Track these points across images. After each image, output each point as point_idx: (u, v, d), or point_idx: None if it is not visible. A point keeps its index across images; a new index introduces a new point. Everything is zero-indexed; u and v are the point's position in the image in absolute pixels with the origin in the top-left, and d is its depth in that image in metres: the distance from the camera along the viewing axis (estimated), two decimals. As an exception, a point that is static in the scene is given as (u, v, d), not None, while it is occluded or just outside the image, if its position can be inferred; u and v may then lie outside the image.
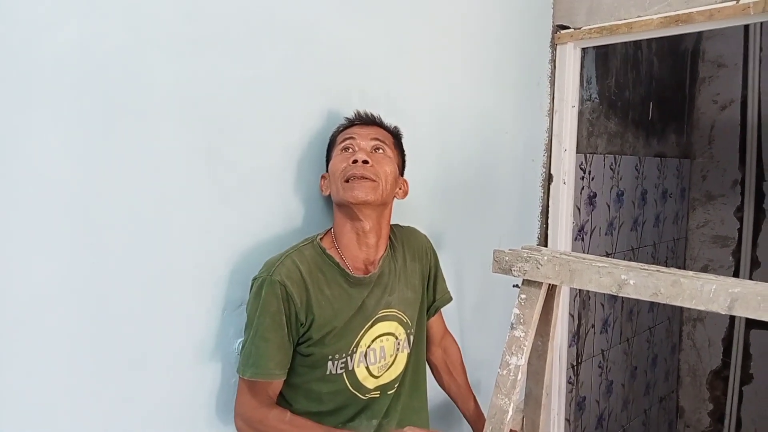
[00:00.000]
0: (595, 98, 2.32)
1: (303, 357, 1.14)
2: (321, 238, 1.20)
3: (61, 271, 0.96)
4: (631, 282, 1.12)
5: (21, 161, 0.91)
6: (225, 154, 1.15)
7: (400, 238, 1.31)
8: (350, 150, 1.18)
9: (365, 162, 1.14)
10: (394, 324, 1.23)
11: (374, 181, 1.14)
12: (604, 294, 2.53)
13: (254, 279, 1.13)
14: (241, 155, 1.17)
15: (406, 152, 1.31)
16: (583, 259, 1.26)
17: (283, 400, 1.17)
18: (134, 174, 1.03)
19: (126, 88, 1.01)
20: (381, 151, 1.19)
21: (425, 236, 1.38)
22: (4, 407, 0.93)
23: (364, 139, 1.19)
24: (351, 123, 1.25)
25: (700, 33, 2.99)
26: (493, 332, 1.86)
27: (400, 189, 1.26)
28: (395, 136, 1.28)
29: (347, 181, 1.14)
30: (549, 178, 2.06)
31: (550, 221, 2.07)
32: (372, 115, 1.26)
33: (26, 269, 0.93)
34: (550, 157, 2.05)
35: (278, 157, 1.24)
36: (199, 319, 1.15)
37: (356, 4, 1.37)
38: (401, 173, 1.29)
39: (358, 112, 1.26)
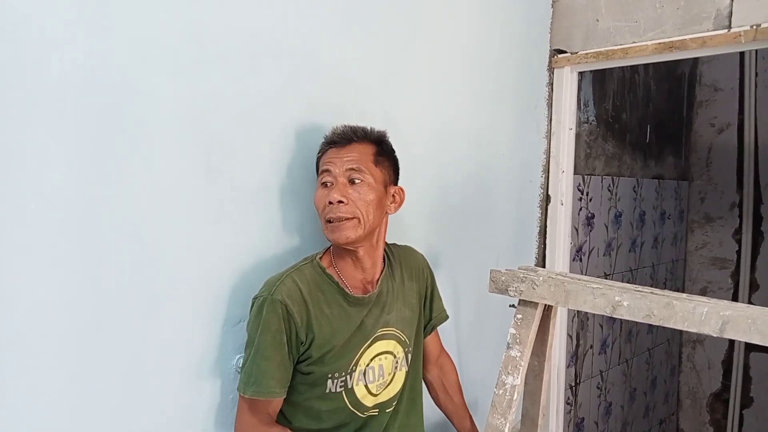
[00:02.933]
0: (593, 121, 2.35)
1: (303, 375, 1.15)
2: (320, 257, 1.21)
3: (61, 285, 0.98)
4: (625, 303, 1.14)
5: (26, 176, 0.93)
6: (225, 172, 1.17)
7: (398, 257, 1.32)
8: (327, 185, 1.16)
9: (341, 202, 1.13)
10: (393, 342, 1.24)
11: (352, 218, 1.13)
12: (602, 315, 2.52)
13: (255, 298, 1.14)
14: (240, 173, 1.20)
15: (399, 159, 1.26)
16: (579, 280, 1.27)
17: (282, 418, 1.18)
18: (136, 191, 1.05)
19: (129, 107, 1.04)
20: (358, 180, 1.15)
21: (422, 255, 1.39)
22: (4, 420, 0.94)
23: (339, 168, 1.15)
24: (329, 144, 1.20)
25: (696, 57, 3.04)
26: (489, 351, 1.86)
27: (392, 202, 1.22)
28: (379, 144, 1.20)
29: (328, 221, 1.15)
30: (547, 199, 2.08)
31: (547, 242, 2.09)
32: (348, 131, 1.19)
33: (28, 284, 0.95)
34: (547, 178, 2.07)
35: (277, 175, 1.26)
36: (198, 336, 1.16)
37: (355, 26, 1.40)
38: (394, 181, 1.24)
39: (334, 131, 1.20)
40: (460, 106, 1.71)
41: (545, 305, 1.29)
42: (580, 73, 2.10)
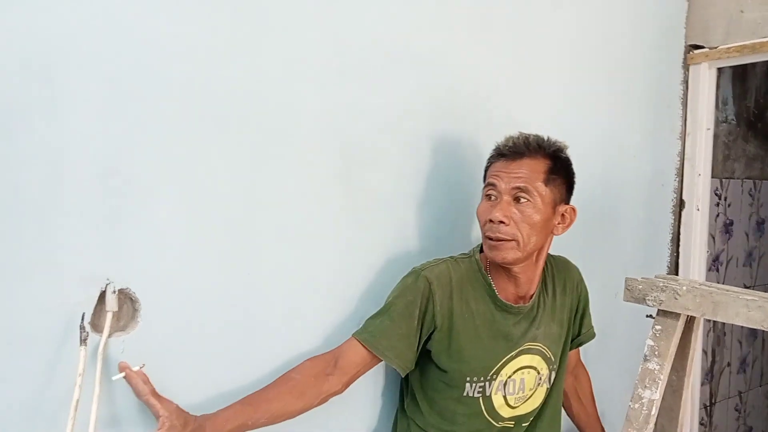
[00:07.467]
0: (732, 119, 2.18)
1: (441, 372, 1.16)
2: (480, 255, 1.19)
3: (220, 281, 1.08)
4: (787, 318, 1.04)
5: (194, 182, 1.04)
6: (361, 179, 1.23)
7: (552, 269, 1.27)
8: (491, 198, 1.13)
9: (502, 222, 1.08)
10: (538, 358, 1.20)
11: (511, 240, 1.09)
12: (741, 330, 2.32)
13: (413, 268, 1.16)
14: (375, 180, 1.25)
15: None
16: (726, 290, 1.19)
17: (417, 411, 1.19)
18: (283, 196, 1.14)
19: (279, 119, 1.12)
20: (524, 200, 1.09)
21: (577, 268, 1.34)
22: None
23: (506, 183, 1.10)
24: (499, 155, 1.15)
25: None
26: (615, 362, 1.78)
27: (560, 223, 1.15)
28: (553, 160, 1.13)
29: (488, 238, 1.12)
30: (680, 204, 1.95)
31: (681, 250, 1.96)
32: (521, 143, 1.12)
33: (190, 283, 1.05)
34: (681, 181, 1.94)
35: (408, 182, 1.30)
36: (333, 334, 1.21)
37: (482, 30, 1.41)
38: (566, 200, 1.17)
39: (506, 141, 1.14)
40: (587, 107, 1.65)
41: (687, 317, 1.22)
42: (719, 69, 1.95)
